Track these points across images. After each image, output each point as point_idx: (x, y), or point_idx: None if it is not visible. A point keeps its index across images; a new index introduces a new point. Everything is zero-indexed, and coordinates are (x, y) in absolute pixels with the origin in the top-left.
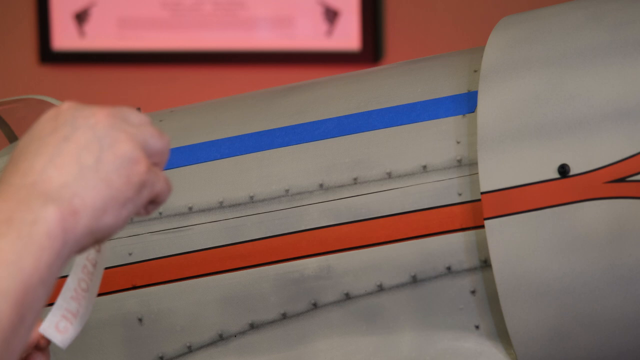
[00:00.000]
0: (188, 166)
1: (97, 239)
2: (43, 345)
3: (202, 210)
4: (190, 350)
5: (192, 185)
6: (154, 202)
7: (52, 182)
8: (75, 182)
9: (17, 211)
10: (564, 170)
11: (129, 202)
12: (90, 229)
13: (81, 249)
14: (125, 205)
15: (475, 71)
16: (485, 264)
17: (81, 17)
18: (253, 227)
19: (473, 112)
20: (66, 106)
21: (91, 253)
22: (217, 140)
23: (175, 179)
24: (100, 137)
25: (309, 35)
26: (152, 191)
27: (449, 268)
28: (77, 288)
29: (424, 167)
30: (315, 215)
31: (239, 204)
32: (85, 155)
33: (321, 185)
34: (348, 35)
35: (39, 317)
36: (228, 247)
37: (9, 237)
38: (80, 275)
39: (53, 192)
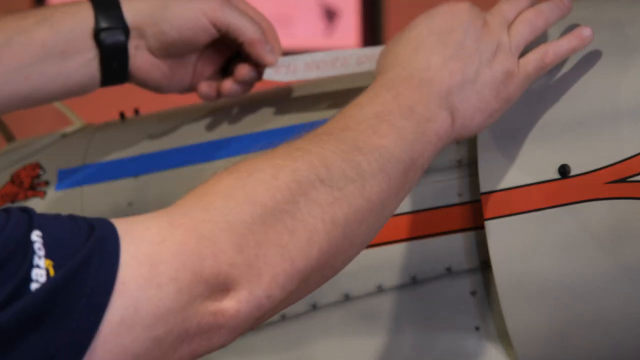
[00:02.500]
0: (186, 166)
1: (453, 141)
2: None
3: None
4: None
5: (190, 186)
6: None
7: (444, 85)
8: (459, 91)
9: (419, 104)
10: (564, 171)
11: (494, 114)
12: (457, 135)
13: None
14: (491, 116)
15: None
16: (486, 265)
17: None
18: None
19: None
20: (463, 6)
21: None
22: (217, 140)
23: (170, 181)
24: (482, 51)
25: (309, 35)
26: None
27: (448, 269)
28: (314, 63)
29: None
30: None
31: None
32: (468, 67)
33: None
34: (347, 35)
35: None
36: None
37: (410, 122)
38: (330, 65)
39: (445, 97)
